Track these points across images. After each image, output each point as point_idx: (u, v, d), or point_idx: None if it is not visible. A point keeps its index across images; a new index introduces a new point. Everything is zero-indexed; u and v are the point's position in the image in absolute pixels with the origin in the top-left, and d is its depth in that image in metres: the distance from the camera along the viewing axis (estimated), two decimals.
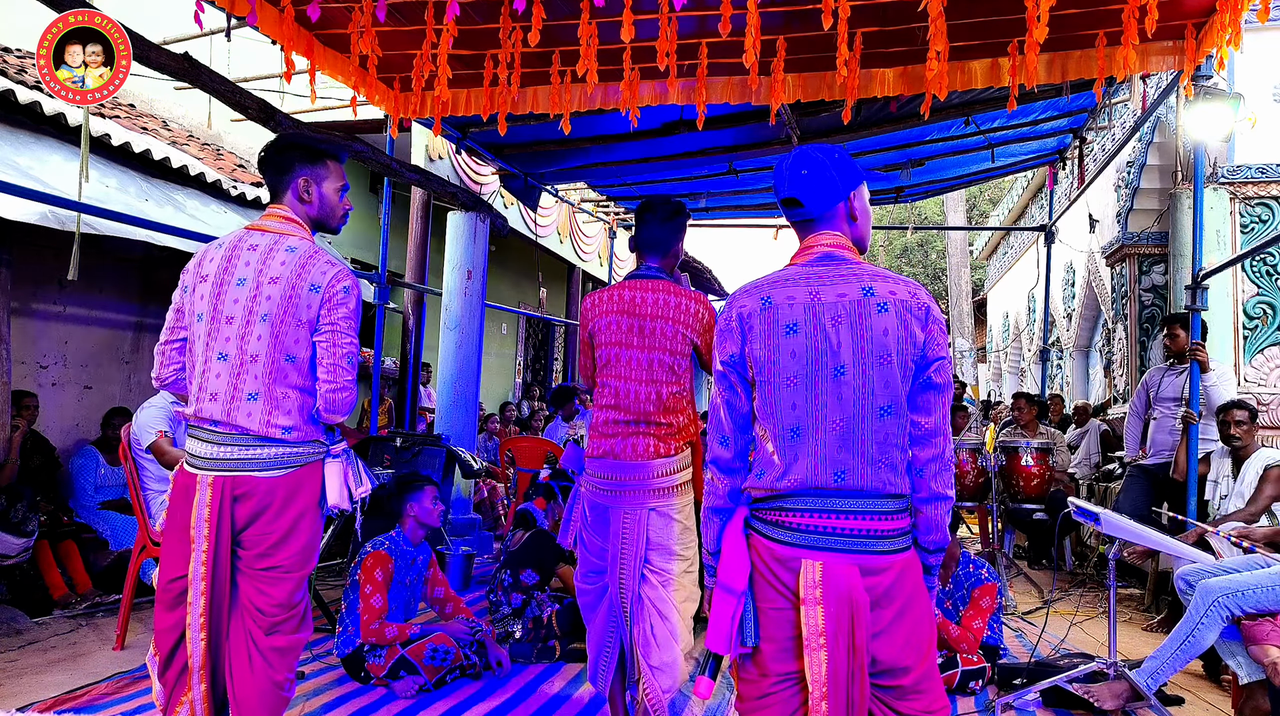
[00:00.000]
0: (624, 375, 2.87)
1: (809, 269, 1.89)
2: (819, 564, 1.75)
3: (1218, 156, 6.68)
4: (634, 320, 2.87)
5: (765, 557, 1.83)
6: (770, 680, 1.81)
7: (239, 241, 2.41)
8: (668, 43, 3.81)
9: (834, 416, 1.80)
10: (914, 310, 1.82)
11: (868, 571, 1.77)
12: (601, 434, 2.89)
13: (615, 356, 2.89)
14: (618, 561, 2.82)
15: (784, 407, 1.83)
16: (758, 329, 1.85)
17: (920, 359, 1.82)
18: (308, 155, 2.47)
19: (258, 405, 2.32)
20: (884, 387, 1.79)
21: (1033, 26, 3.48)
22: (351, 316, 2.39)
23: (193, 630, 2.27)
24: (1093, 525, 3.63)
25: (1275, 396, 6.57)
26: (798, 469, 1.80)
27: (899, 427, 1.82)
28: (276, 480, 2.33)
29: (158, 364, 2.50)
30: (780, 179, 1.94)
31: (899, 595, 1.80)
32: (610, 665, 2.90)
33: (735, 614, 1.81)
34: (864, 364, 1.79)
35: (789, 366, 1.82)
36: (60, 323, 5.81)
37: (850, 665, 1.73)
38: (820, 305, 1.83)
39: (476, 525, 7.10)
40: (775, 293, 1.87)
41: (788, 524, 1.81)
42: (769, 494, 1.84)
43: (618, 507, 2.82)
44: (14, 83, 5.28)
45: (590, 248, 11.94)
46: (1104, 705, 3.50)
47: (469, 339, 7.13)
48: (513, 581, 4.45)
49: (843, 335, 1.80)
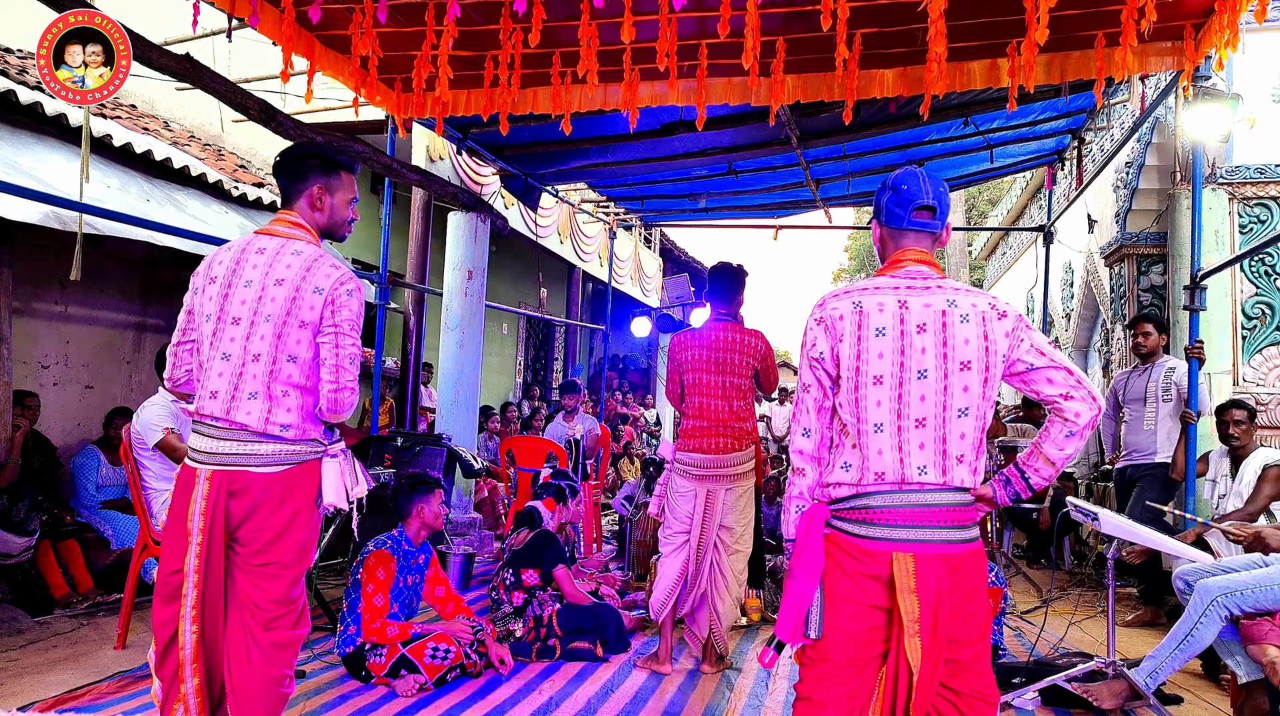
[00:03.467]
0: (706, 393, 4.00)
1: (898, 279, 2.05)
2: (911, 556, 1.90)
3: (1216, 157, 6.69)
4: (712, 353, 4.01)
5: (851, 553, 1.95)
6: (834, 665, 1.95)
7: (248, 245, 2.47)
8: (668, 43, 3.82)
9: (917, 415, 1.95)
10: (995, 319, 1.98)
11: (952, 561, 1.92)
12: (691, 435, 4.03)
13: (699, 381, 4.02)
14: (699, 525, 3.97)
15: (869, 404, 1.97)
16: (848, 329, 2.00)
17: (1005, 357, 1.98)
18: (324, 165, 2.53)
19: (257, 403, 2.36)
20: (963, 391, 1.95)
21: (1032, 27, 3.49)
22: (354, 318, 2.44)
23: (185, 621, 2.31)
24: (1091, 524, 3.64)
25: (1274, 396, 6.58)
26: (881, 463, 1.94)
27: (975, 428, 1.97)
28: (273, 476, 2.37)
29: (170, 365, 2.54)
30: (919, 187, 2.08)
31: (973, 582, 1.95)
32: (669, 604, 4.02)
33: (804, 607, 1.95)
34: (945, 368, 1.95)
35: (876, 366, 1.97)
36: (62, 322, 5.82)
37: (931, 645, 1.87)
38: (907, 313, 1.99)
39: (477, 525, 7.11)
40: (866, 298, 2.02)
41: (875, 520, 1.94)
42: (853, 492, 1.96)
43: (702, 487, 3.98)
44: (15, 83, 5.29)
45: (590, 248, 11.95)
46: (1103, 704, 3.51)
47: (470, 339, 7.14)
48: (515, 580, 4.46)
49: (926, 341, 1.96)
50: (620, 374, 17.44)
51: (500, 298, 11.21)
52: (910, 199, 2.07)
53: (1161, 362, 5.35)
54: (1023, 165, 8.17)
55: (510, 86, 4.39)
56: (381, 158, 5.42)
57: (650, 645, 4.46)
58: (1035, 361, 1.99)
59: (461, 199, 6.83)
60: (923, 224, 2.08)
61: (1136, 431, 5.39)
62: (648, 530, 5.94)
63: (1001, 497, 2.08)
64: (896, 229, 2.10)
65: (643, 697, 3.71)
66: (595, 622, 4.31)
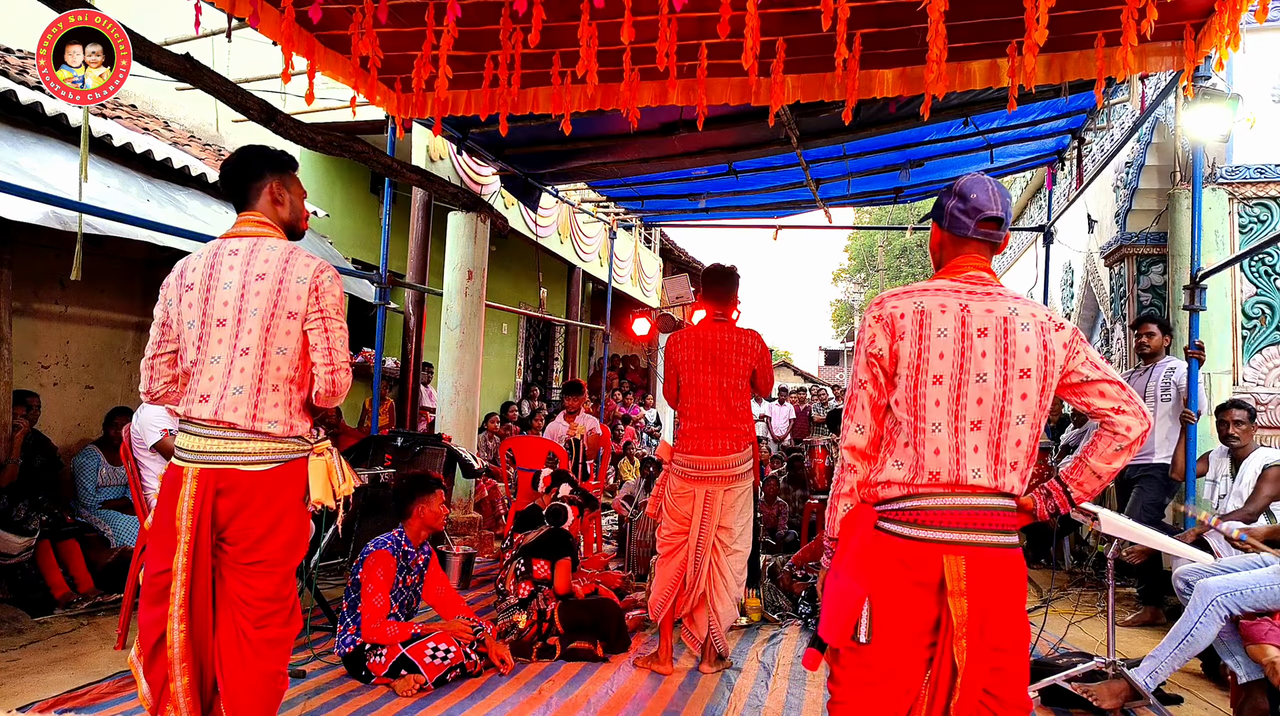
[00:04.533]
0: (703, 395, 4.02)
1: (959, 283, 2.05)
2: (962, 558, 1.88)
3: (1216, 157, 6.68)
4: (708, 355, 4.01)
5: (901, 556, 1.92)
6: (874, 671, 1.93)
7: (218, 249, 2.48)
8: (667, 43, 3.81)
9: (973, 417, 1.95)
10: (1054, 330, 1.99)
11: (1001, 564, 1.91)
12: (688, 437, 4.04)
13: (695, 382, 4.03)
14: (698, 526, 3.99)
15: (929, 403, 1.96)
16: (909, 328, 1.99)
17: (1062, 368, 1.99)
18: (275, 163, 2.58)
19: (244, 399, 2.37)
20: (1021, 398, 1.95)
21: (1032, 27, 3.48)
22: (338, 303, 2.48)
23: (173, 620, 2.30)
24: (1092, 524, 3.64)
25: (1274, 396, 6.58)
26: (937, 463, 1.92)
27: (1029, 436, 1.97)
28: (260, 475, 2.38)
29: (146, 378, 2.53)
30: (988, 198, 2.06)
31: (1017, 588, 1.94)
32: (667, 605, 4.05)
33: (855, 610, 1.92)
34: (1004, 374, 1.95)
35: (936, 366, 1.96)
36: (62, 323, 5.82)
37: (978, 650, 1.86)
38: (969, 316, 1.98)
39: (476, 525, 7.11)
40: (927, 299, 2.01)
41: (926, 522, 1.92)
42: (904, 493, 1.94)
43: (700, 488, 4.01)
44: (15, 83, 5.29)
45: (590, 248, 11.95)
46: (1102, 704, 3.51)
47: (469, 339, 7.14)
48: (525, 570, 4.46)
49: (987, 345, 1.96)
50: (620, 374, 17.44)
51: (500, 297, 11.20)
52: (978, 209, 2.05)
53: (1162, 363, 5.35)
54: (1023, 165, 8.17)
55: (510, 86, 4.39)
56: (381, 158, 5.41)
57: (650, 645, 4.46)
58: (1090, 373, 2.00)
59: (461, 199, 6.83)
60: (986, 235, 2.07)
61: None
62: (648, 530, 5.94)
63: (1041, 511, 2.05)
64: (960, 236, 2.08)
65: (643, 697, 3.71)
66: (595, 622, 4.31)
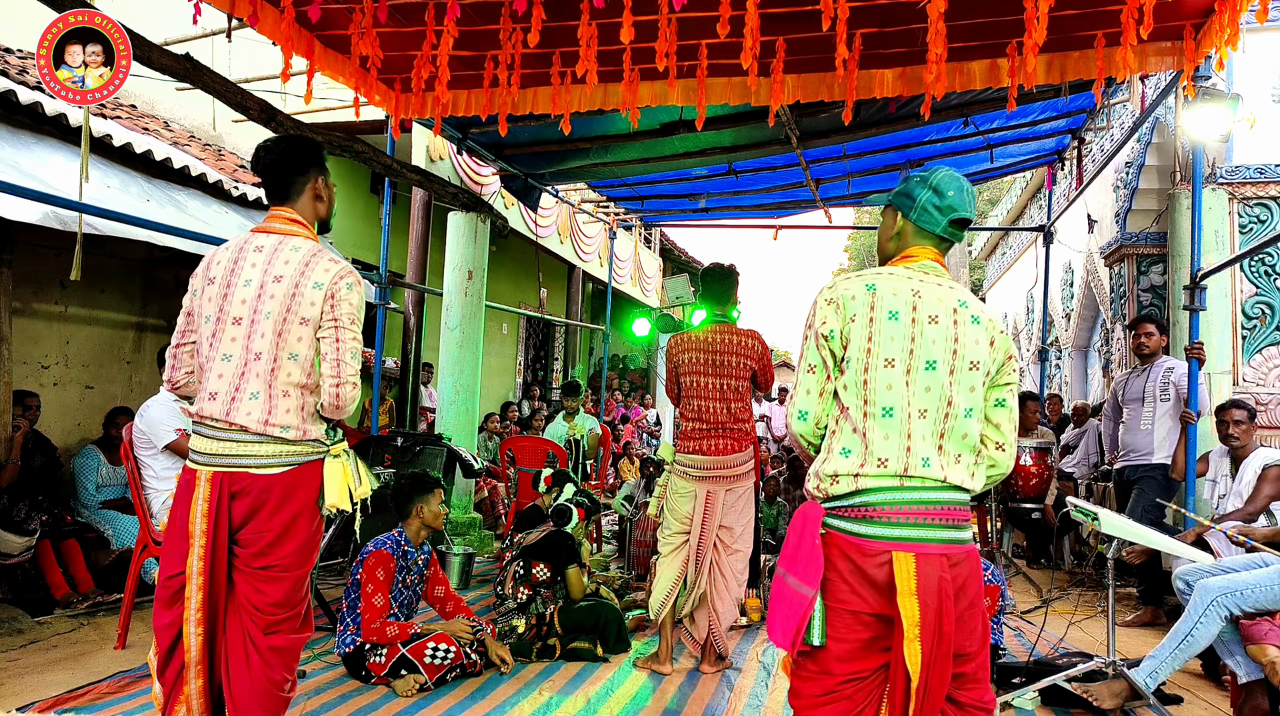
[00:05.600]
0: (704, 396, 4.04)
1: (912, 271, 2.02)
2: (912, 556, 1.81)
3: (1216, 157, 6.69)
4: (709, 356, 4.03)
5: (850, 555, 1.86)
6: (835, 679, 1.84)
7: (245, 243, 2.44)
8: (667, 43, 3.81)
9: (921, 405, 1.90)
10: (999, 334, 1.97)
11: (953, 562, 1.85)
12: (690, 437, 4.07)
13: (696, 383, 4.05)
14: (699, 526, 4.01)
15: (880, 387, 1.91)
16: (861, 309, 1.95)
17: (995, 378, 1.97)
18: (319, 154, 2.52)
19: (258, 403, 2.33)
20: (969, 391, 1.92)
21: (1031, 28, 3.48)
22: (354, 312, 2.42)
23: (189, 624, 2.29)
24: (1091, 524, 3.64)
25: (1274, 396, 6.58)
26: (885, 449, 1.87)
27: (976, 431, 1.93)
28: (273, 478, 2.34)
29: (169, 367, 2.51)
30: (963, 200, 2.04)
31: (972, 584, 1.89)
32: (668, 604, 4.03)
33: (805, 613, 1.85)
34: (953, 364, 1.92)
35: (888, 348, 1.92)
36: (62, 323, 5.82)
37: (935, 653, 1.78)
38: (920, 301, 1.94)
39: (476, 525, 7.11)
40: (880, 281, 1.97)
41: (875, 518, 1.86)
42: (852, 487, 1.88)
43: (701, 488, 4.03)
44: (15, 83, 5.29)
45: (590, 248, 11.95)
46: (1103, 704, 3.50)
47: (469, 339, 7.14)
48: (524, 573, 4.46)
49: (937, 333, 1.92)
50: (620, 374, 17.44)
51: (500, 297, 11.20)
52: (952, 209, 2.03)
53: (1160, 363, 5.35)
54: (1023, 165, 8.17)
55: (510, 86, 4.39)
56: (381, 158, 5.41)
57: (650, 645, 4.46)
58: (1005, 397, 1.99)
59: (461, 199, 6.83)
60: (952, 234, 2.05)
61: (1134, 431, 5.40)
62: (648, 530, 5.94)
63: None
64: (925, 231, 2.05)
65: (643, 697, 3.71)
66: (595, 622, 4.31)
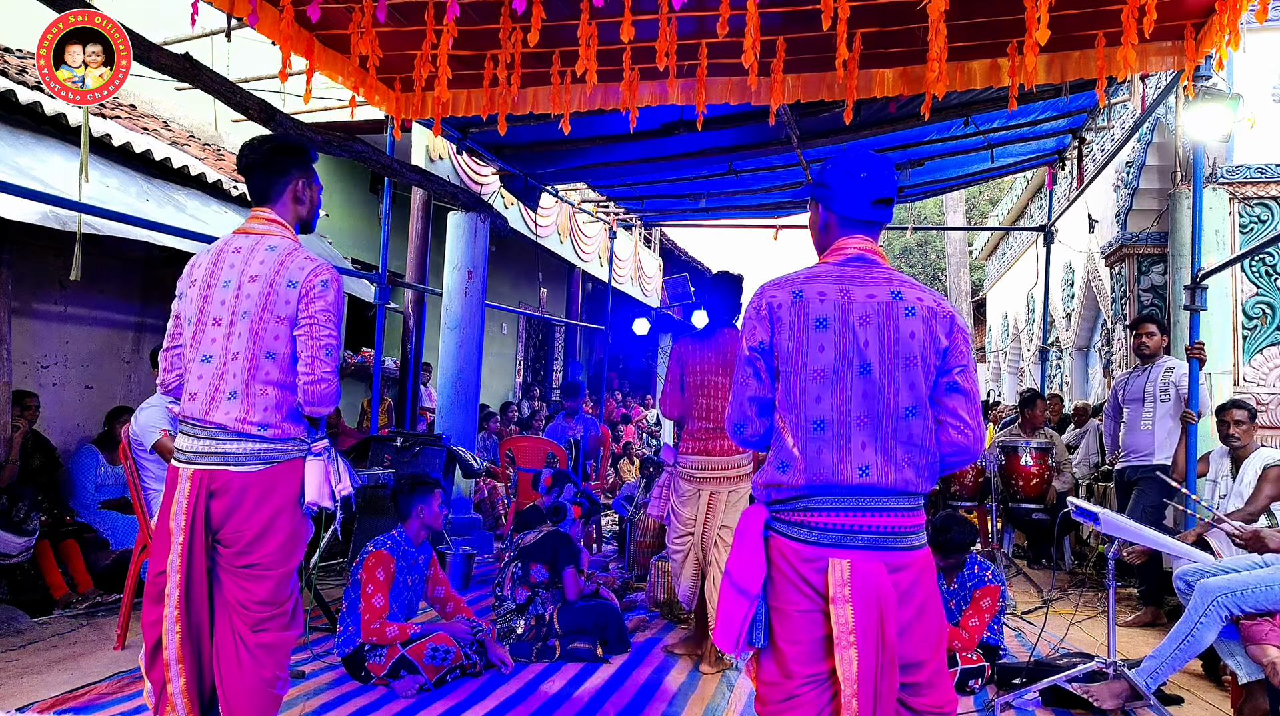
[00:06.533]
0: (713, 395, 4.08)
1: (841, 268, 1.92)
2: (847, 562, 1.77)
3: (1217, 157, 6.68)
4: (720, 355, 4.11)
5: (790, 558, 1.83)
6: (795, 682, 1.80)
7: (224, 246, 2.47)
8: (667, 43, 3.81)
9: (859, 412, 1.83)
10: (939, 317, 1.87)
11: (894, 568, 1.80)
12: (696, 437, 4.12)
13: (706, 382, 4.11)
14: (701, 526, 4.08)
15: (809, 400, 1.84)
16: (787, 320, 1.87)
17: (942, 364, 1.86)
18: (302, 160, 2.53)
19: (236, 402, 2.35)
20: (909, 389, 1.84)
21: (1032, 27, 3.48)
22: (330, 309, 2.41)
23: (168, 621, 2.30)
24: (1092, 525, 3.63)
25: (1274, 396, 6.58)
26: (821, 463, 1.81)
27: (924, 429, 1.84)
28: (251, 475, 2.35)
29: (161, 370, 2.56)
30: (881, 177, 1.93)
31: (920, 591, 1.83)
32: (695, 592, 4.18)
33: (746, 615, 1.83)
34: (890, 365, 1.83)
35: (817, 359, 1.84)
36: (61, 323, 5.81)
37: (879, 661, 1.74)
38: (850, 303, 1.86)
39: (476, 525, 7.11)
40: (807, 287, 1.89)
41: (812, 523, 1.82)
42: (792, 494, 1.84)
43: (705, 488, 4.09)
44: (15, 83, 5.28)
45: (590, 248, 11.95)
46: (1103, 704, 3.50)
47: (469, 339, 7.14)
48: (522, 574, 4.46)
49: (870, 334, 1.84)
50: (620, 374, 17.44)
51: (500, 298, 11.20)
52: (872, 189, 1.92)
53: (1160, 363, 5.35)
54: (1023, 165, 8.17)
55: (510, 86, 4.39)
56: (381, 158, 5.41)
57: (651, 645, 4.46)
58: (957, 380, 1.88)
59: (461, 199, 6.83)
60: (879, 215, 1.95)
61: (1135, 431, 5.39)
62: (648, 530, 5.93)
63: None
64: (849, 218, 1.95)
65: (643, 698, 3.70)
66: (595, 623, 4.30)
